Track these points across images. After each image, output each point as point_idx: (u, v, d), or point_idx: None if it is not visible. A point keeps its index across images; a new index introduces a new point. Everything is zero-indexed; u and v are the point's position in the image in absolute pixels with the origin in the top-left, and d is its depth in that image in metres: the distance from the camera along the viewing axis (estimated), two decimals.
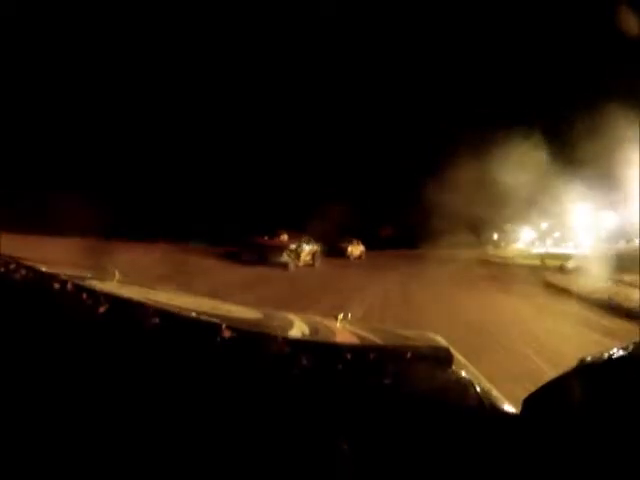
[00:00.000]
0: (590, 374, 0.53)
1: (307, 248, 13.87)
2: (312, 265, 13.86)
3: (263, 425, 0.54)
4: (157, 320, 0.72)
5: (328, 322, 1.36)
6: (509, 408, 0.64)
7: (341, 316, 1.38)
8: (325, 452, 0.51)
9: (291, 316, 1.24)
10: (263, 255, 12.04)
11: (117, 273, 1.27)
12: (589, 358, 0.53)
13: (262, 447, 0.51)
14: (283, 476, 0.48)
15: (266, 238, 13.26)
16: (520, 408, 0.59)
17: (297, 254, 13.02)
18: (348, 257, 19.48)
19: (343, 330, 1.26)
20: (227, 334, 0.70)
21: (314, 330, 1.16)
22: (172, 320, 0.74)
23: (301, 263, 13.20)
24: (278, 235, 13.64)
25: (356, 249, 20.73)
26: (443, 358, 0.73)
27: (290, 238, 13.54)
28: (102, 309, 0.74)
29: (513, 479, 0.50)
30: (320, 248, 14.77)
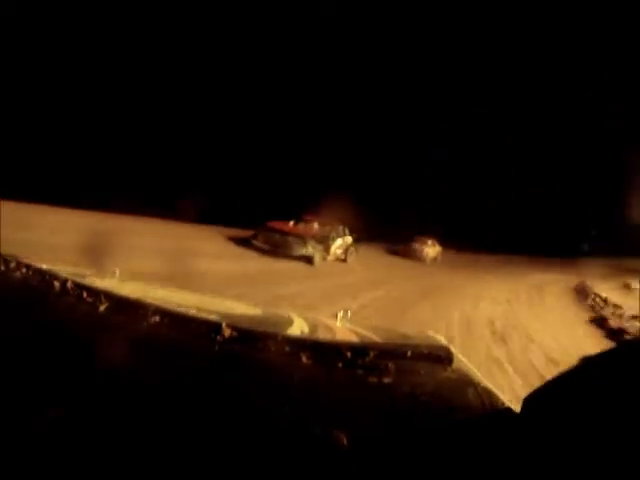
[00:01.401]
0: (590, 373, 0.53)
1: (339, 240, 11.22)
2: (344, 260, 11.39)
3: (263, 422, 0.54)
4: (157, 318, 0.72)
5: (328, 320, 1.36)
6: (509, 408, 0.64)
7: (341, 314, 1.38)
8: (325, 450, 0.51)
9: (291, 314, 1.24)
10: (281, 244, 9.49)
11: (117, 271, 1.27)
12: (589, 357, 0.53)
13: (263, 444, 0.51)
14: (284, 474, 0.48)
15: (291, 224, 10.69)
16: (520, 408, 0.59)
17: (327, 246, 10.51)
18: (424, 260, 16.18)
19: (343, 328, 1.26)
20: (227, 332, 0.70)
21: (314, 328, 1.16)
22: (172, 318, 0.74)
23: (331, 257, 10.80)
24: (305, 221, 11.11)
25: (432, 250, 17.07)
26: (443, 357, 0.73)
27: (320, 226, 11.01)
28: (102, 308, 0.74)
29: (513, 479, 0.50)
30: (355, 240, 12.11)
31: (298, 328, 1.08)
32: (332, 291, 7.30)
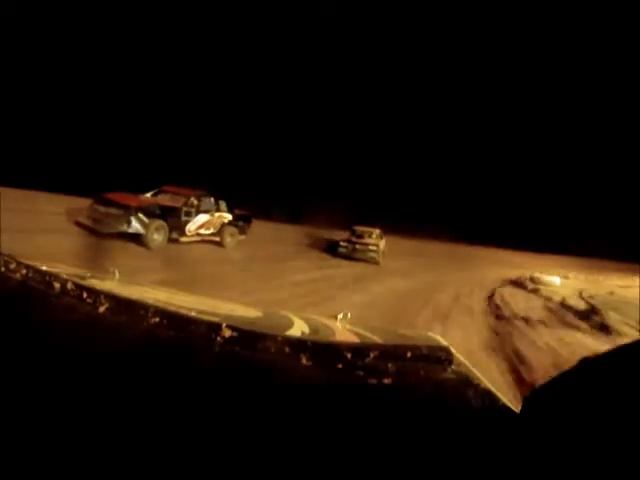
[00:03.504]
0: (590, 373, 0.53)
1: (203, 216, 8.67)
2: (220, 244, 9.13)
3: (263, 424, 0.54)
4: (157, 319, 0.72)
5: (328, 321, 1.36)
6: (509, 408, 0.64)
7: (341, 315, 1.38)
8: (325, 449, 0.51)
9: (291, 315, 1.24)
10: (102, 218, 7.15)
11: (117, 272, 1.27)
12: (590, 357, 0.53)
13: (262, 446, 0.51)
14: (283, 475, 0.48)
15: (145, 197, 8.28)
16: (520, 407, 0.59)
17: (177, 223, 8.07)
18: (376, 261, 11.36)
19: (343, 329, 1.26)
20: (227, 333, 0.70)
21: (314, 329, 1.15)
22: (172, 319, 0.74)
23: (189, 238, 8.40)
24: (164, 193, 8.56)
25: (382, 244, 12.05)
26: (443, 358, 0.73)
27: (172, 196, 8.52)
28: (102, 308, 0.74)
29: (513, 479, 0.50)
30: (239, 218, 9.63)
31: (298, 329, 1.08)
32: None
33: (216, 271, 6.96)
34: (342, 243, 11.55)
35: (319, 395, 0.61)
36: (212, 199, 9.04)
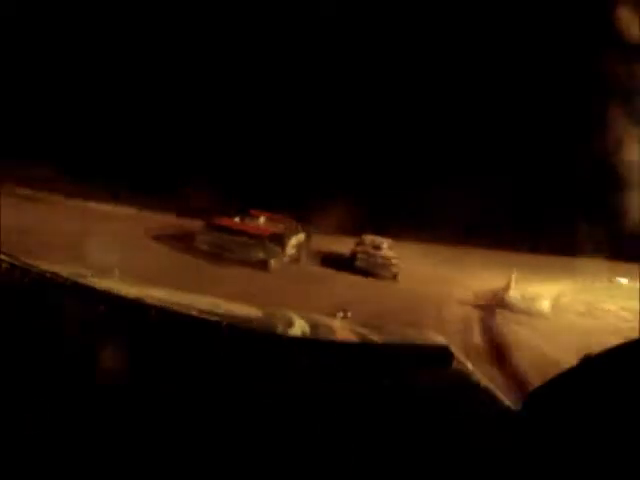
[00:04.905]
0: (591, 373, 0.53)
1: (294, 239, 9.47)
2: (297, 260, 9.54)
3: (264, 422, 0.54)
4: (157, 318, 0.72)
5: (328, 320, 1.36)
6: (509, 407, 0.64)
7: (341, 315, 1.38)
8: (325, 449, 0.51)
9: (291, 314, 1.24)
10: (230, 245, 7.82)
11: (117, 271, 1.27)
12: (591, 356, 0.53)
13: (263, 444, 0.51)
14: (285, 473, 0.48)
15: (237, 220, 9.08)
16: (520, 406, 0.59)
17: (283, 247, 8.75)
18: (392, 276, 9.81)
19: (343, 329, 1.26)
20: (227, 332, 0.70)
21: (314, 328, 1.15)
22: (173, 318, 0.74)
23: (286, 258, 8.98)
24: (252, 217, 9.36)
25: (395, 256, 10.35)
26: (443, 357, 0.73)
27: (272, 222, 9.32)
28: (102, 308, 0.74)
29: (514, 478, 0.50)
30: (308, 237, 10.20)
31: (298, 328, 1.08)
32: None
33: None
34: (360, 256, 10.30)
35: (319, 394, 0.61)
36: (294, 222, 9.85)
